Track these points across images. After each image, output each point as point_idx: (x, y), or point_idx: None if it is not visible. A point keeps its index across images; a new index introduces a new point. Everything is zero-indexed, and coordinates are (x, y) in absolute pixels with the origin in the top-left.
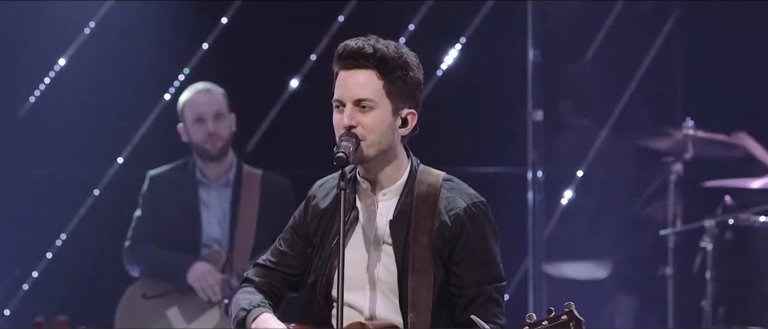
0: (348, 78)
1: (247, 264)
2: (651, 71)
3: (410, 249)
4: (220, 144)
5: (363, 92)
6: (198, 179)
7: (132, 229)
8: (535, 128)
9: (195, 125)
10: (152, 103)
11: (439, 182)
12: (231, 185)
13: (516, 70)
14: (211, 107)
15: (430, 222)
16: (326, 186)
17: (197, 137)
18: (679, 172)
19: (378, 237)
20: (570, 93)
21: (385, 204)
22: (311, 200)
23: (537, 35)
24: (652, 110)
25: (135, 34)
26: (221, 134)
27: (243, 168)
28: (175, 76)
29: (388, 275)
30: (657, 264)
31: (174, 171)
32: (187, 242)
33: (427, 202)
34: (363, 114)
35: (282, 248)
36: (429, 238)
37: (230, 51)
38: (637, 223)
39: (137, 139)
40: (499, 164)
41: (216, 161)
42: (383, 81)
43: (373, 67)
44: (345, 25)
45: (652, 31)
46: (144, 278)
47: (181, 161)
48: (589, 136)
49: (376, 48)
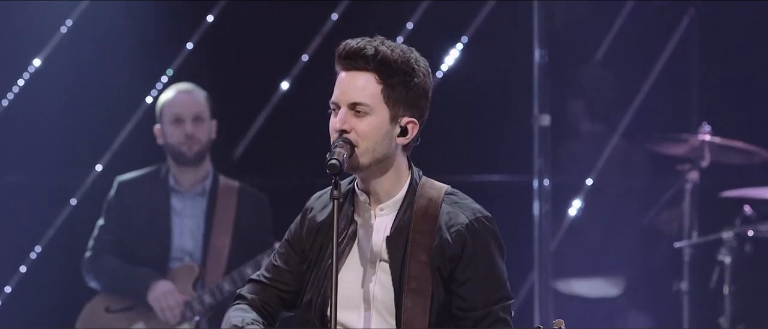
0: (346, 80)
1: (221, 280)
2: (665, 73)
3: (407, 267)
4: (198, 148)
5: (359, 96)
6: (171, 186)
7: (93, 239)
8: (541, 133)
9: (172, 126)
10: (133, 106)
11: (440, 196)
12: (206, 194)
13: (521, 71)
14: (191, 108)
15: (429, 239)
16: (324, 198)
17: (173, 139)
18: (696, 180)
19: (375, 254)
20: (578, 96)
21: (383, 219)
22: (308, 212)
23: (543, 35)
24: (666, 114)
25: (114, 33)
26: (199, 138)
27: (219, 179)
28: (158, 78)
29: (385, 294)
30: (671, 279)
31: (145, 177)
32: (155, 254)
33: (427, 218)
34: (358, 119)
35: (277, 263)
36: (427, 256)
37: (216, 52)
38: (651, 235)
39: (117, 145)
40: (502, 172)
41: (191, 167)
42: (382, 85)
43: (372, 70)
44: (339, 24)
45: (666, 30)
46: (104, 292)
47: (154, 166)
48: (599, 142)
49: (378, 50)
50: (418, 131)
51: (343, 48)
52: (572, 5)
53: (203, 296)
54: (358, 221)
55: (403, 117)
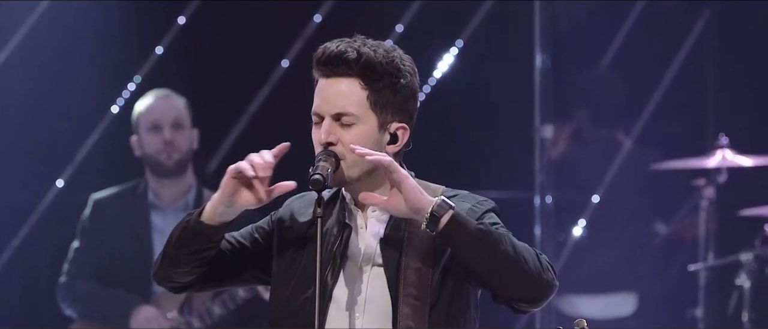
0: (327, 87)
1: (210, 303)
2: (679, 80)
3: (402, 274)
4: (177, 156)
5: (343, 105)
6: (151, 202)
7: (69, 262)
8: (543, 145)
9: (149, 134)
10: (97, 116)
11: (436, 196)
12: (190, 209)
13: (521, 78)
14: (169, 114)
15: (427, 243)
16: (307, 199)
17: (151, 148)
18: (712, 197)
19: (368, 258)
20: (583, 105)
21: (376, 221)
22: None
23: (545, 38)
24: (679, 124)
25: (77, 37)
26: (179, 145)
27: (204, 193)
28: (124, 85)
29: (380, 299)
30: (685, 305)
31: (122, 194)
32: (136, 277)
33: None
34: (344, 130)
35: (239, 236)
36: (425, 262)
37: (188, 57)
38: (662, 256)
39: (79, 158)
40: (501, 188)
41: (172, 179)
42: (368, 91)
43: (356, 75)
44: (322, 26)
45: (679, 32)
46: (82, 320)
47: (131, 182)
48: (606, 155)
49: (361, 52)
50: (409, 136)
51: (322, 52)
52: (577, 5)
53: (191, 321)
54: (351, 225)
55: (392, 123)
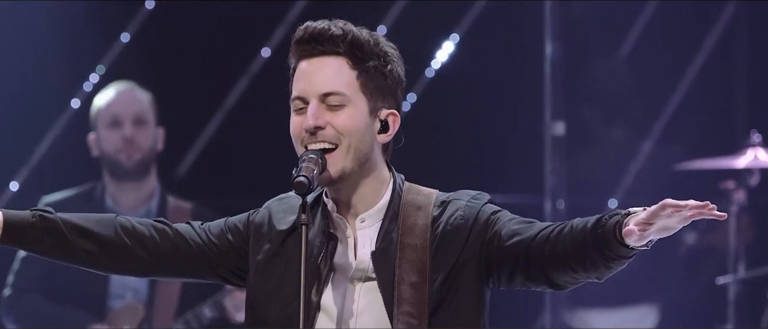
0: (311, 68)
1: (171, 321)
2: (705, 72)
3: (396, 289)
4: (138, 156)
5: (332, 84)
6: (108, 208)
7: (14, 274)
8: (554, 144)
9: (108, 130)
10: (55, 112)
11: (430, 203)
12: (152, 217)
13: (529, 70)
14: (131, 108)
15: (420, 256)
16: (287, 204)
17: (110, 145)
18: (742, 202)
19: (360, 272)
20: (599, 100)
21: (365, 232)
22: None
23: (556, 26)
24: (706, 121)
25: (32, 22)
26: (140, 144)
27: (168, 199)
28: (86, 76)
29: (374, 315)
30: (712, 321)
31: (77, 199)
32: (90, 291)
33: (416, 231)
34: (333, 113)
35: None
36: (419, 276)
37: (157, 45)
38: (688, 267)
39: (36, 159)
40: (507, 191)
41: (132, 183)
42: (357, 71)
43: (343, 53)
44: (307, 11)
45: (706, 19)
46: None
47: (87, 185)
48: (625, 155)
49: (346, 30)
50: (399, 126)
51: (305, 31)
52: None
53: None
54: (337, 236)
55: (382, 109)
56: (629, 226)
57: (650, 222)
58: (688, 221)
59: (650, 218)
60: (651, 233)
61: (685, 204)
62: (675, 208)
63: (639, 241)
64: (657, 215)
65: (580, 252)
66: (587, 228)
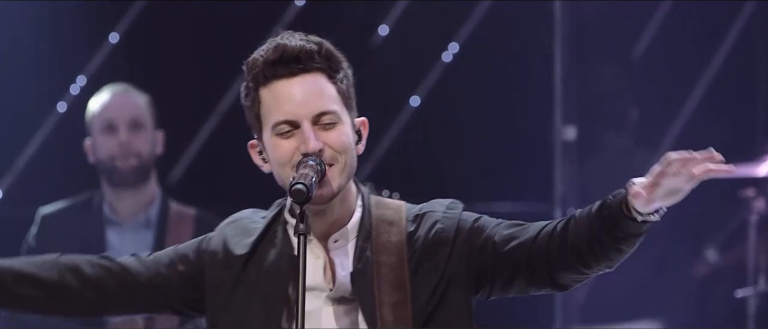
0: (295, 88)
1: None
2: (723, 75)
3: (378, 310)
4: (135, 162)
5: (324, 103)
6: (106, 217)
7: None
8: (564, 150)
9: (103, 135)
10: (41, 117)
11: (402, 217)
12: (153, 225)
13: (539, 72)
14: (126, 112)
15: (397, 274)
16: (242, 227)
17: (105, 152)
18: (763, 211)
19: (339, 295)
20: (611, 104)
21: (338, 253)
22: (216, 242)
23: (567, 27)
24: (723, 126)
25: (16, 22)
26: (138, 149)
27: (170, 206)
28: (72, 78)
29: None
30: None
31: (74, 208)
32: None
33: (390, 249)
34: (326, 132)
35: (156, 259)
36: (400, 295)
37: (148, 46)
38: (706, 280)
39: (20, 166)
40: (516, 199)
41: (130, 190)
42: (334, 85)
43: (320, 68)
44: (305, 11)
45: (723, 20)
46: None
47: (85, 194)
48: (639, 161)
49: (318, 43)
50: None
51: (282, 51)
52: None
53: None
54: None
55: (354, 119)
56: (635, 188)
57: (657, 183)
58: (696, 181)
59: (657, 178)
60: (658, 196)
61: (690, 156)
62: (680, 162)
63: (646, 206)
64: (663, 174)
65: (590, 241)
66: (592, 214)
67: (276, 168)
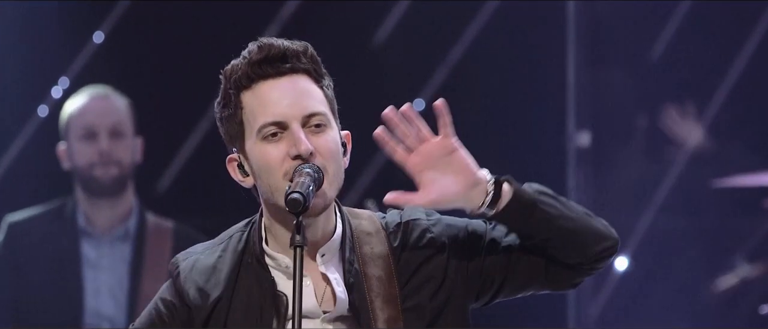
0: (282, 88)
1: None
2: (745, 78)
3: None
4: (115, 172)
5: (313, 104)
6: (81, 228)
7: None
8: (579, 156)
9: (81, 142)
10: (19, 120)
11: (378, 228)
12: (130, 238)
13: (551, 74)
14: (107, 118)
15: (386, 286)
16: (202, 267)
17: (83, 160)
18: None
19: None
20: (628, 108)
21: (327, 268)
22: (192, 295)
23: (581, 27)
24: (747, 132)
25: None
26: (118, 157)
27: (147, 218)
28: (54, 81)
29: None
30: None
31: (45, 217)
32: (61, 320)
33: (376, 261)
34: (315, 136)
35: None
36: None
37: (134, 47)
38: (728, 296)
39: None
40: None
41: (108, 200)
42: (320, 88)
43: (306, 69)
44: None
45: (746, 20)
46: None
47: (56, 202)
48: (657, 170)
49: (303, 44)
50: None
51: (268, 50)
52: None
53: None
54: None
55: (340, 130)
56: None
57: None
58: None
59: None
60: (426, 175)
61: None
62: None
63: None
64: (405, 159)
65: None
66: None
67: (263, 178)
